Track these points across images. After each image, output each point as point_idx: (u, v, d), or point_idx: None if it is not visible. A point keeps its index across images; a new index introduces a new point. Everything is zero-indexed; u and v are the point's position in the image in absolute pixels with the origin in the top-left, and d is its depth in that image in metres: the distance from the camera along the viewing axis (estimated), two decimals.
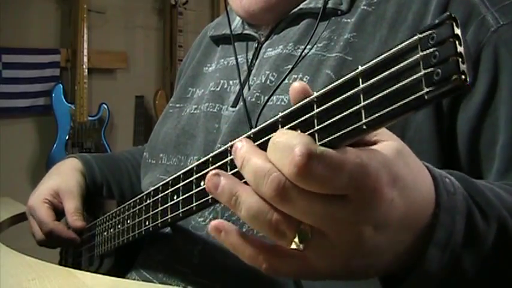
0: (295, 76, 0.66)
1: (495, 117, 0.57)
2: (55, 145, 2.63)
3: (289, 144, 0.34)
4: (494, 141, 0.57)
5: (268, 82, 0.69)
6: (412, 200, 0.37)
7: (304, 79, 0.65)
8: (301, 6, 0.71)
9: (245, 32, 0.78)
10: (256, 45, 0.76)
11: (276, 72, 0.69)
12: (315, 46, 0.67)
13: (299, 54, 0.67)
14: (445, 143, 0.58)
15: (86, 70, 2.69)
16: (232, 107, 0.72)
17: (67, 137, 2.66)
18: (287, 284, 0.59)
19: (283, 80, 0.66)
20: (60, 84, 2.68)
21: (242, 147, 0.38)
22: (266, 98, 0.67)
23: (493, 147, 0.57)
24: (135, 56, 3.00)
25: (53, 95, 2.65)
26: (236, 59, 0.75)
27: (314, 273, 0.39)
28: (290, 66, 0.67)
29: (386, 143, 0.37)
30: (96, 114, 2.76)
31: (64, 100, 2.67)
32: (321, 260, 0.38)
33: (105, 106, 2.78)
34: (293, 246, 0.36)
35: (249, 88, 0.71)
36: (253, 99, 0.68)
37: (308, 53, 0.67)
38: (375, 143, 0.37)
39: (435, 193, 0.39)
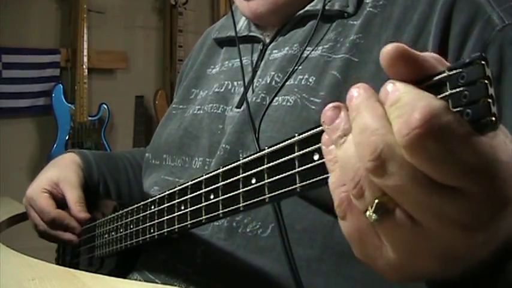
0: (301, 77, 0.66)
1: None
2: (55, 145, 2.63)
3: (413, 104, 0.28)
4: None
5: (273, 83, 0.69)
6: None
7: (310, 79, 0.65)
8: (307, 8, 0.71)
9: (250, 34, 0.78)
10: (261, 47, 0.76)
11: (282, 73, 0.69)
12: (321, 47, 0.67)
13: (305, 55, 0.67)
14: None
15: (86, 70, 2.70)
16: (236, 107, 0.72)
17: (67, 137, 2.66)
18: (289, 282, 0.59)
19: (288, 80, 0.67)
20: (60, 84, 2.68)
21: (358, 96, 0.32)
22: (271, 98, 0.67)
23: None
24: (135, 56, 3.00)
25: (53, 95, 2.66)
26: (241, 60, 0.75)
27: (379, 259, 0.33)
28: (296, 67, 0.67)
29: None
30: (96, 114, 2.76)
31: (64, 100, 2.67)
32: (394, 247, 0.32)
33: (105, 106, 2.78)
34: (367, 214, 0.31)
35: (254, 89, 0.71)
36: (259, 100, 0.68)
37: (314, 54, 0.67)
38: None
39: None
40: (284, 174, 0.41)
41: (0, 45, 2.56)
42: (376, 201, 0.31)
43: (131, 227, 0.71)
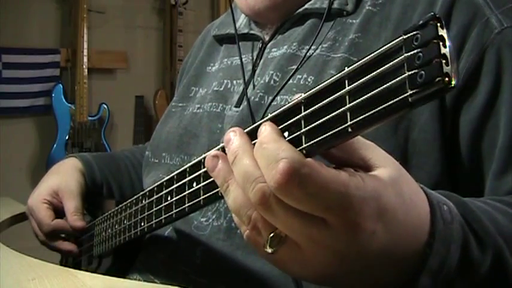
0: (300, 76, 0.66)
1: (497, 118, 0.57)
2: (55, 145, 2.63)
3: (274, 156, 0.34)
4: (495, 143, 0.57)
5: (272, 82, 0.68)
6: (401, 232, 0.37)
7: (309, 79, 0.65)
8: (306, 6, 0.71)
9: (250, 32, 0.78)
10: (260, 45, 0.76)
11: (280, 72, 0.69)
12: (320, 46, 0.67)
13: (303, 54, 0.67)
14: (448, 143, 0.58)
15: (86, 70, 2.70)
16: (235, 106, 0.72)
17: (67, 137, 2.66)
18: (288, 283, 0.59)
19: (288, 80, 0.66)
20: (60, 84, 2.68)
21: (234, 141, 0.39)
22: (270, 98, 0.67)
23: (494, 148, 0.57)
24: (135, 56, 3.00)
25: (53, 95, 2.66)
26: (241, 58, 0.75)
27: (285, 269, 0.40)
28: (294, 67, 0.67)
29: (382, 170, 0.37)
30: (96, 114, 2.77)
31: (64, 100, 2.67)
32: (291, 263, 0.39)
33: (105, 106, 2.78)
34: (265, 248, 0.38)
35: (253, 88, 0.71)
36: (257, 99, 0.68)
37: (313, 53, 0.67)
38: (370, 167, 0.37)
39: (431, 222, 0.39)
40: None
41: (0, 45, 2.56)
42: (271, 235, 0.37)
43: (124, 222, 0.71)
